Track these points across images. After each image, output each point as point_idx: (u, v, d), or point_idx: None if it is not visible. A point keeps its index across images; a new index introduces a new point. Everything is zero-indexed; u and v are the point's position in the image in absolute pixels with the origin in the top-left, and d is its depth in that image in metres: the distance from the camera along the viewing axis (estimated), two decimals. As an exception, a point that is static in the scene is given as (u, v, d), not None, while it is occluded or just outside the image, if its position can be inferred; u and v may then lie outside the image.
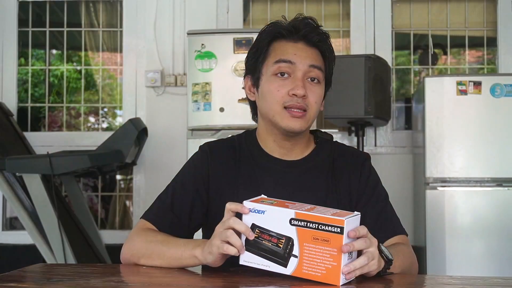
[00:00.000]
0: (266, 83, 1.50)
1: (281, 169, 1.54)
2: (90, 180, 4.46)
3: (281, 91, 1.47)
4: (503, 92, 3.26)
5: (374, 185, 1.57)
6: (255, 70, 1.54)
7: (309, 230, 1.18)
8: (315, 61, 1.50)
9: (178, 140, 3.91)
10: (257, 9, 4.30)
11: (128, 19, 4.19)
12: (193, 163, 1.59)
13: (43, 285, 1.18)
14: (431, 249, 3.29)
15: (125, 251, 1.46)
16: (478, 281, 1.29)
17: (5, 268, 1.55)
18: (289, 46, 1.50)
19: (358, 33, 4.09)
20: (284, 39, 1.51)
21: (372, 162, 1.63)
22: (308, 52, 1.50)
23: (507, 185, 3.27)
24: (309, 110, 1.48)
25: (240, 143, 1.60)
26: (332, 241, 1.15)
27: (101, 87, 4.50)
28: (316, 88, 1.50)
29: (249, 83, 1.57)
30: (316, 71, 1.49)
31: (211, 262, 1.30)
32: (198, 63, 3.40)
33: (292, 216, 1.20)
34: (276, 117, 1.49)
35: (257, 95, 1.55)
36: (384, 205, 1.55)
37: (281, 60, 1.48)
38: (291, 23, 1.52)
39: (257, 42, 1.55)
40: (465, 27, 4.21)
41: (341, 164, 1.58)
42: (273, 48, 1.51)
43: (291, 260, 1.19)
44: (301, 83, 1.46)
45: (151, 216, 1.53)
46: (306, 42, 1.51)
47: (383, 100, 3.49)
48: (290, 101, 1.46)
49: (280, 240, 1.21)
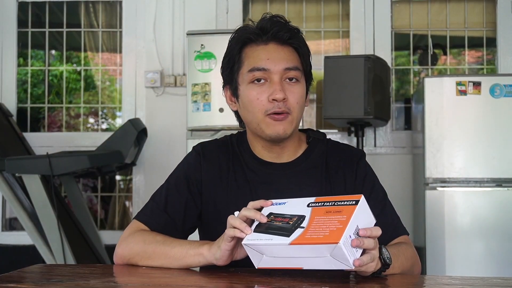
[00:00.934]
0: (245, 92, 1.48)
1: (273, 172, 1.52)
2: (89, 181, 4.46)
3: (261, 99, 1.44)
4: (503, 93, 3.27)
5: (372, 185, 1.54)
6: (232, 81, 1.52)
7: (324, 207, 1.18)
8: (290, 62, 1.46)
9: (177, 141, 3.91)
10: (256, 9, 4.30)
11: (128, 19, 4.19)
12: (187, 163, 1.58)
13: (42, 286, 1.18)
14: (431, 250, 3.29)
15: (120, 253, 1.44)
16: (477, 281, 1.29)
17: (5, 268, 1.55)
18: (260, 50, 1.47)
19: (358, 34, 4.09)
20: (254, 43, 1.48)
21: (372, 163, 1.62)
22: (281, 53, 1.46)
23: (506, 185, 3.27)
24: (292, 112, 1.45)
25: (233, 144, 1.58)
26: (344, 211, 1.14)
27: (100, 88, 4.50)
28: (296, 87, 1.47)
29: (229, 93, 1.55)
30: (292, 72, 1.46)
31: (218, 257, 1.29)
32: (197, 63, 3.40)
33: (312, 200, 1.21)
34: (260, 125, 1.46)
35: (238, 105, 1.53)
36: (384, 205, 1.53)
37: (255, 69, 1.45)
38: (259, 24, 1.49)
39: (228, 50, 1.53)
40: (465, 28, 4.21)
41: (335, 162, 1.54)
42: (245, 55, 1.48)
43: (296, 231, 1.17)
44: (279, 86, 1.43)
45: (144, 217, 1.51)
46: (277, 41, 1.47)
47: (383, 101, 3.49)
48: (272, 108, 1.43)
49: (292, 218, 1.20)
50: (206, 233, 1.55)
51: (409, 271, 1.40)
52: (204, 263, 1.33)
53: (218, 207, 1.51)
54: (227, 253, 1.28)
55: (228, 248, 1.27)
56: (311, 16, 4.31)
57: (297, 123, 1.49)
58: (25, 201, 3.43)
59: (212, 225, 1.52)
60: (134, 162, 3.84)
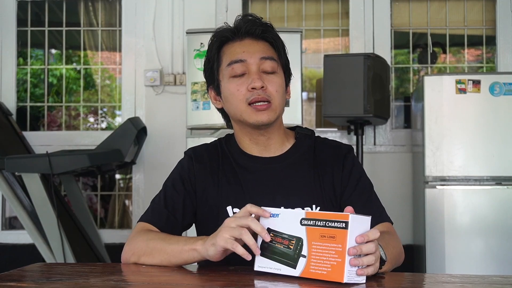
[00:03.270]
0: (226, 86, 1.55)
1: (261, 166, 1.57)
2: (89, 180, 4.46)
3: (241, 90, 1.51)
4: (502, 91, 3.27)
5: (358, 176, 1.58)
6: (213, 79, 1.59)
7: (317, 228, 1.18)
8: (265, 52, 1.53)
9: (177, 139, 3.91)
10: (256, 8, 4.30)
11: (127, 18, 4.19)
12: (180, 166, 1.64)
13: (42, 285, 1.18)
14: (431, 248, 3.29)
15: (125, 252, 1.48)
16: (477, 279, 1.29)
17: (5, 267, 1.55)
18: (236, 46, 1.54)
19: (357, 32, 4.09)
20: (231, 41, 1.56)
21: (372, 161, 1.64)
22: (256, 46, 1.54)
23: (506, 183, 3.27)
24: (273, 100, 1.51)
25: (222, 145, 1.64)
26: (338, 237, 1.15)
27: (100, 86, 4.50)
28: (273, 77, 1.53)
29: (213, 94, 1.62)
30: (268, 62, 1.53)
31: (211, 255, 1.30)
32: (197, 62, 3.39)
33: (303, 216, 1.21)
34: (243, 115, 1.52)
35: (222, 101, 1.59)
36: (369, 195, 1.58)
37: (232, 62, 1.53)
38: (234, 24, 1.56)
39: (207, 52, 1.60)
40: (464, 26, 4.21)
41: (323, 157, 1.59)
42: (223, 53, 1.56)
43: (300, 261, 1.20)
44: (256, 75, 1.50)
45: (147, 217, 1.56)
46: (252, 37, 1.55)
47: (382, 99, 3.49)
48: (252, 95, 1.50)
49: (291, 241, 1.22)
50: (201, 230, 1.60)
51: (397, 261, 1.43)
52: (198, 258, 1.35)
53: (211, 204, 1.56)
54: (221, 252, 1.29)
55: (222, 250, 1.28)
56: (311, 15, 4.31)
57: (280, 111, 1.55)
58: (25, 200, 3.43)
59: (206, 222, 1.58)
60: (134, 160, 3.85)
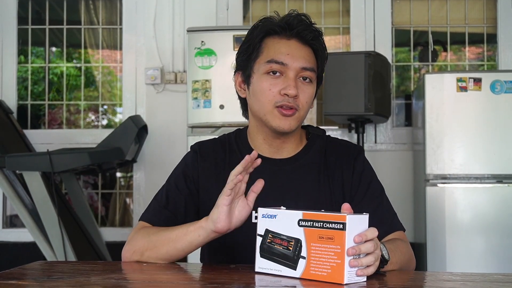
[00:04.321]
0: (258, 81, 1.49)
1: (271, 168, 1.53)
2: (90, 178, 4.46)
3: (273, 90, 1.46)
4: (503, 89, 3.26)
5: (369, 180, 1.55)
6: (247, 67, 1.53)
7: (315, 230, 1.18)
8: (308, 62, 1.48)
9: (178, 138, 3.91)
10: (257, 6, 4.30)
11: (128, 16, 4.19)
12: (185, 162, 1.61)
13: (43, 283, 1.18)
14: (431, 246, 3.29)
15: (126, 251, 1.47)
16: (478, 277, 1.29)
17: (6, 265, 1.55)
18: (282, 44, 1.48)
19: (358, 30, 4.09)
20: (277, 35, 1.49)
21: (372, 159, 1.62)
22: (301, 51, 1.48)
23: (507, 181, 3.27)
24: (300, 110, 1.48)
25: (231, 142, 1.60)
26: (336, 239, 1.15)
27: (100, 84, 4.50)
28: (308, 87, 1.49)
29: (240, 79, 1.56)
30: (308, 73, 1.48)
31: (216, 219, 1.30)
32: (198, 60, 3.39)
33: (300, 217, 1.21)
34: (267, 116, 1.48)
35: (248, 93, 1.54)
36: (380, 201, 1.54)
37: (273, 61, 1.47)
38: (285, 19, 1.50)
39: (249, 37, 1.53)
40: (465, 24, 4.20)
41: (333, 158, 1.56)
42: (266, 45, 1.50)
43: (300, 262, 1.20)
44: (293, 83, 1.45)
45: (147, 216, 1.55)
46: (299, 40, 1.49)
47: (383, 97, 3.48)
48: (282, 100, 1.45)
49: (290, 242, 1.22)
50: None
51: (406, 267, 1.41)
52: (204, 236, 1.34)
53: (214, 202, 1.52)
54: (226, 210, 1.29)
55: (227, 203, 1.29)
56: (311, 13, 4.30)
57: (302, 120, 1.52)
58: (25, 198, 3.43)
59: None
60: (135, 159, 3.84)
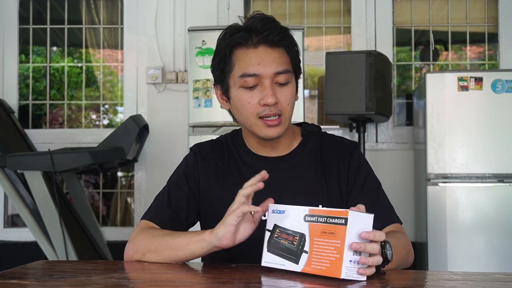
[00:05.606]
0: (236, 95, 1.49)
1: (268, 166, 1.52)
2: (91, 177, 4.47)
3: (252, 103, 1.46)
4: (504, 88, 3.26)
5: (365, 175, 1.56)
6: (223, 82, 1.53)
7: (319, 225, 1.19)
8: (280, 65, 1.46)
9: (179, 137, 3.91)
10: (257, 5, 4.30)
11: (129, 16, 4.19)
12: (185, 163, 1.62)
13: (44, 282, 1.18)
14: (433, 245, 3.29)
15: (128, 250, 1.47)
16: (479, 276, 1.29)
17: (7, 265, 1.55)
18: (251, 54, 1.46)
19: (359, 30, 4.09)
20: (245, 46, 1.47)
21: (373, 158, 1.63)
22: (271, 56, 1.46)
23: (508, 181, 3.27)
24: (284, 113, 1.48)
25: (228, 143, 1.62)
26: (337, 233, 1.15)
27: (102, 84, 4.50)
28: (286, 89, 1.48)
29: (220, 92, 1.56)
30: (283, 76, 1.47)
31: (221, 236, 1.29)
32: (199, 59, 3.39)
33: (306, 212, 1.22)
34: (253, 127, 1.50)
35: (230, 105, 1.55)
36: (377, 194, 1.55)
37: (246, 75, 1.45)
38: (248, 25, 1.47)
39: (218, 50, 1.52)
40: (466, 23, 4.20)
41: (329, 154, 1.57)
42: (236, 57, 1.48)
43: (302, 256, 1.21)
44: (270, 91, 1.45)
45: (150, 215, 1.55)
46: (267, 44, 1.46)
47: (384, 96, 3.48)
48: (263, 111, 1.46)
49: (295, 237, 1.23)
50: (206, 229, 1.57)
51: (404, 260, 1.42)
52: (206, 248, 1.34)
53: (215, 204, 1.55)
54: (232, 229, 1.28)
55: (235, 223, 1.28)
56: (312, 12, 4.31)
57: (289, 121, 1.53)
58: (27, 197, 3.43)
59: (210, 221, 1.54)
60: (136, 158, 3.85)
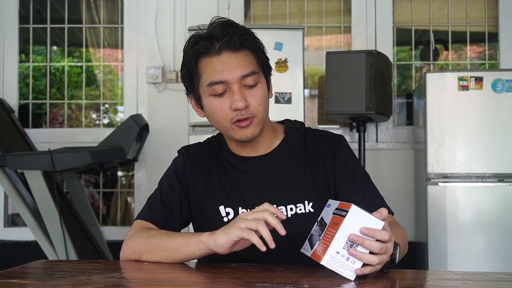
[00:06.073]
0: (207, 103, 1.51)
1: (251, 166, 1.57)
2: (91, 177, 4.47)
3: (223, 109, 1.47)
4: (505, 88, 3.26)
5: (353, 168, 1.56)
6: (194, 91, 1.54)
7: (333, 216, 1.22)
8: (246, 67, 1.47)
9: (179, 136, 3.91)
10: (258, 5, 4.30)
11: (129, 15, 4.19)
12: (174, 165, 1.64)
13: (44, 281, 1.18)
14: (433, 245, 3.29)
15: (125, 251, 1.47)
16: (479, 276, 1.29)
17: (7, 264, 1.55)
18: (215, 62, 1.47)
19: (359, 29, 4.09)
20: (208, 55, 1.47)
21: (374, 158, 1.63)
22: (235, 61, 1.46)
23: (508, 180, 3.27)
24: (257, 113, 1.48)
25: (213, 144, 1.65)
26: (338, 224, 1.18)
27: (102, 83, 4.50)
28: (256, 90, 1.48)
29: (194, 101, 1.58)
30: (250, 78, 1.47)
31: (220, 244, 1.29)
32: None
33: (336, 206, 1.24)
34: (228, 132, 1.52)
35: (205, 113, 1.56)
36: (367, 187, 1.55)
37: (213, 83, 1.46)
38: (209, 33, 1.48)
39: (184, 61, 1.53)
40: (467, 23, 4.20)
41: (314, 149, 1.58)
42: (202, 67, 1.49)
43: (316, 243, 1.23)
44: (239, 95, 1.45)
45: (144, 214, 1.57)
46: (229, 49, 1.47)
47: (384, 96, 3.48)
48: (236, 116, 1.47)
49: (323, 227, 1.25)
50: (196, 229, 1.60)
51: (403, 251, 1.42)
52: (203, 250, 1.34)
53: (204, 204, 1.57)
54: (233, 242, 1.28)
55: (237, 239, 1.27)
56: (313, 12, 4.31)
57: (264, 121, 1.53)
58: (27, 197, 3.43)
59: (201, 220, 1.58)
60: (136, 158, 3.85)
